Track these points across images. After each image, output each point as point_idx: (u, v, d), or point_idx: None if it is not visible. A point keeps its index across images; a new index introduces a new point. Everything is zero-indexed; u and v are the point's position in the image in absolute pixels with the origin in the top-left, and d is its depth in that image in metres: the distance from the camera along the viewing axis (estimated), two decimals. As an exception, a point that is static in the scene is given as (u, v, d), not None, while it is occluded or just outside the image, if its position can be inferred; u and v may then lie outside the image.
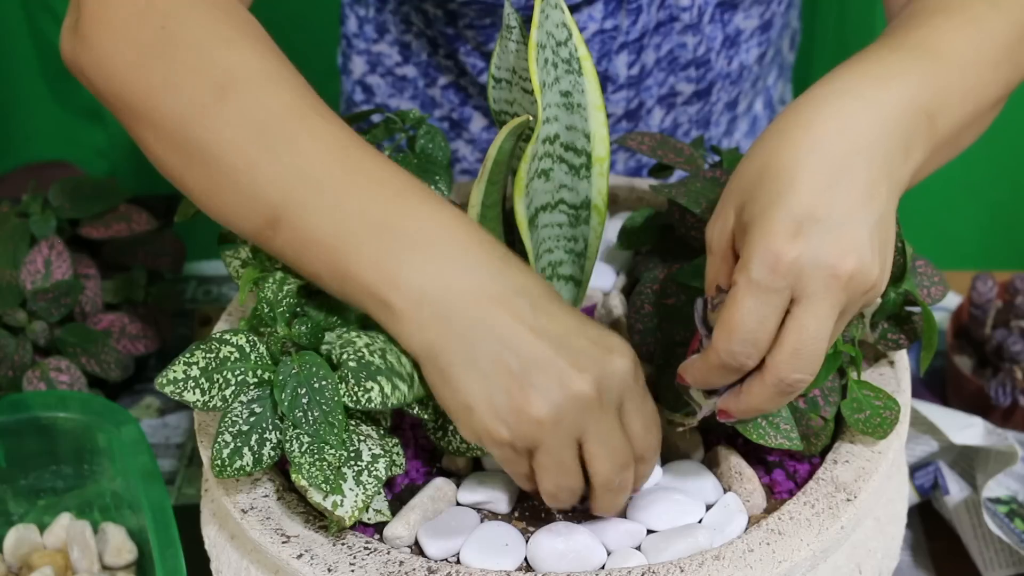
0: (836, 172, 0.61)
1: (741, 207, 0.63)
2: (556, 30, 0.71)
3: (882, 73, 0.65)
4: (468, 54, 1.09)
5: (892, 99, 0.64)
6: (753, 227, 0.62)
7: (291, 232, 0.67)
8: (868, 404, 0.72)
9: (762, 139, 0.64)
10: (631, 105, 1.09)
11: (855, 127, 0.63)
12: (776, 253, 0.60)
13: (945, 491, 0.93)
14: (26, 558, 0.90)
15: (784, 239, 0.60)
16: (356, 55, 1.17)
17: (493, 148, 0.69)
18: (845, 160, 0.62)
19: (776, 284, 0.60)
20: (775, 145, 0.63)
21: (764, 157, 0.63)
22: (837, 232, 0.60)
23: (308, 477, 0.65)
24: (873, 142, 0.63)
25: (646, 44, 1.06)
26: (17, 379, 0.98)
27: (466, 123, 1.15)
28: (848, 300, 0.62)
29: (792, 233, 0.60)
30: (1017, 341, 1.01)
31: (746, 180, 0.64)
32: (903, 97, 0.65)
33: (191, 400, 0.67)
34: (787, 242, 0.60)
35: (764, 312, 0.61)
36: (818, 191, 0.61)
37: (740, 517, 0.70)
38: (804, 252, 0.60)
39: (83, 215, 1.06)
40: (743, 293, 0.61)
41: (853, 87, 0.64)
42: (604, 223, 0.76)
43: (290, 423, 0.66)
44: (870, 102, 0.64)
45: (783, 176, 0.62)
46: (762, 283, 0.60)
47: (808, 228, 0.60)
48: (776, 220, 0.61)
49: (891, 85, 0.65)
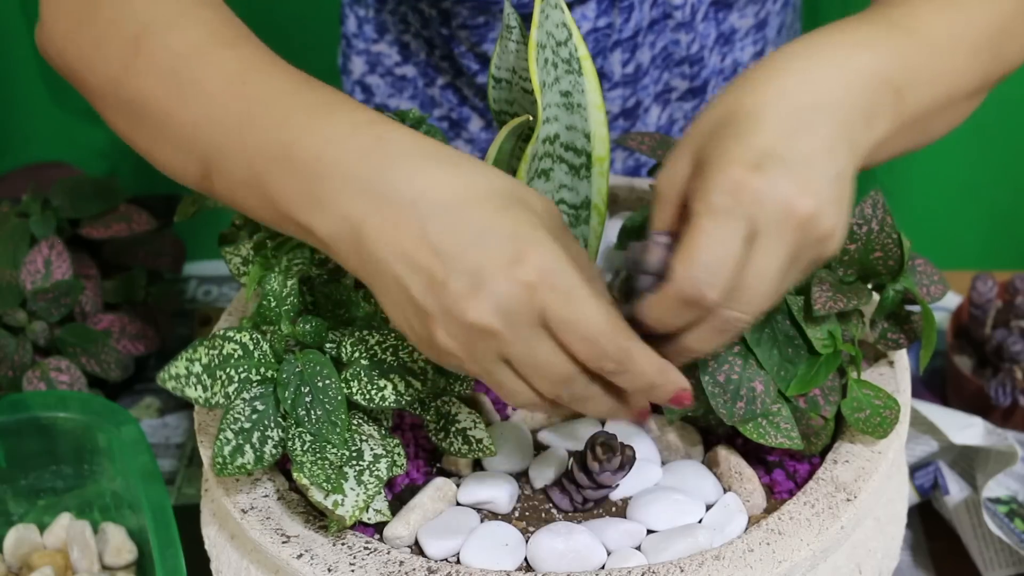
0: (800, 120, 0.61)
1: (699, 150, 0.62)
2: (556, 30, 0.71)
3: (852, 41, 0.65)
4: (463, 55, 1.09)
5: (858, 66, 0.64)
6: (712, 161, 0.60)
7: (220, 177, 0.66)
8: (868, 403, 0.72)
9: (726, 90, 0.64)
10: (628, 103, 1.10)
11: (820, 85, 0.62)
12: (738, 180, 0.59)
13: (945, 491, 0.93)
14: (26, 558, 0.90)
15: (746, 169, 0.59)
16: (355, 55, 1.17)
17: (493, 148, 0.69)
18: (809, 111, 0.61)
19: (737, 212, 0.59)
20: (739, 93, 0.63)
21: (727, 104, 0.63)
22: (798, 171, 0.60)
23: (310, 476, 0.65)
24: (836, 102, 0.62)
25: (641, 42, 1.06)
26: (17, 379, 0.98)
27: (465, 123, 1.16)
28: (800, 244, 0.60)
29: (753, 166, 0.59)
30: (1017, 341, 1.01)
31: (706, 126, 0.63)
32: (870, 65, 0.64)
33: (193, 396, 0.67)
34: (749, 173, 0.59)
35: (726, 238, 0.59)
36: (782, 133, 0.60)
37: (740, 517, 0.70)
38: (764, 184, 0.59)
39: (83, 215, 1.06)
40: (705, 219, 0.59)
41: (821, 50, 0.64)
42: (604, 223, 0.76)
43: (292, 421, 0.66)
44: (837, 65, 0.63)
45: (747, 118, 0.61)
46: (723, 210, 0.59)
47: (769, 163, 0.59)
48: (738, 152, 0.59)
49: (859, 52, 0.64)
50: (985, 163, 1.51)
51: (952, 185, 1.52)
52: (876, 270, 0.75)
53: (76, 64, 0.72)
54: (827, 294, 0.71)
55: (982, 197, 1.56)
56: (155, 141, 0.69)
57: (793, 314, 0.72)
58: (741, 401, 0.70)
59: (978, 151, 1.50)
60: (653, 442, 0.76)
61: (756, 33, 1.11)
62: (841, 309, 0.71)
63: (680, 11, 1.05)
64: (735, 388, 0.70)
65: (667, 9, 1.05)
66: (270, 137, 0.62)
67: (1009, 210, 1.56)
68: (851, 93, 0.63)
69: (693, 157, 0.62)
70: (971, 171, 1.52)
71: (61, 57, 0.73)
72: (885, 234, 0.74)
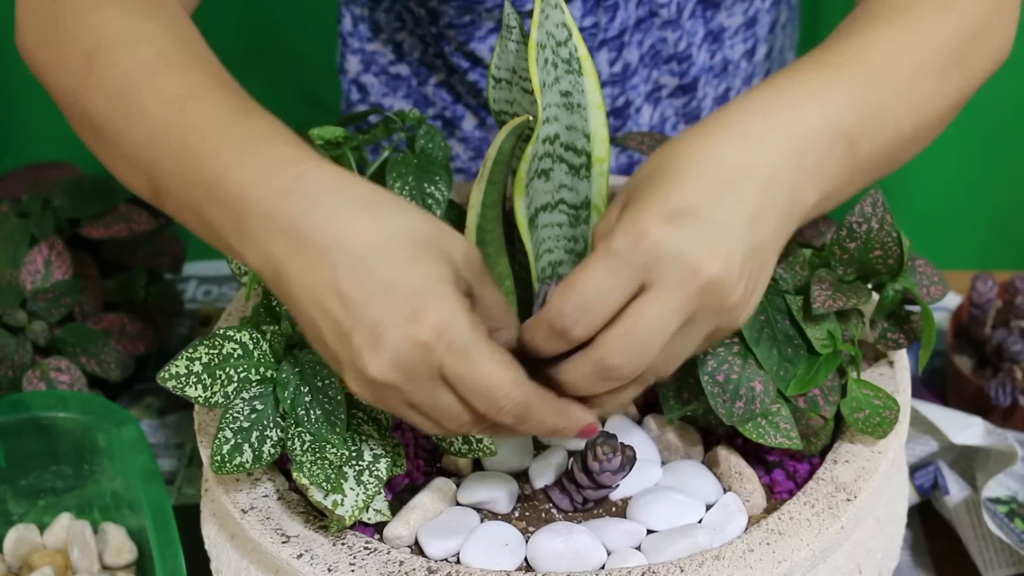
0: (728, 184, 0.59)
1: (627, 199, 0.61)
2: (556, 30, 0.71)
3: (801, 95, 0.63)
4: (452, 54, 1.09)
5: (805, 125, 0.62)
6: (629, 206, 0.59)
7: (167, 197, 0.66)
8: (868, 403, 0.72)
9: (664, 144, 0.63)
10: (617, 103, 1.10)
11: (757, 151, 0.61)
12: (642, 230, 0.57)
13: (945, 491, 0.93)
14: (26, 558, 0.90)
15: (655, 220, 0.58)
16: (351, 54, 1.17)
17: (493, 148, 0.69)
18: (740, 177, 0.60)
19: (631, 260, 0.57)
20: (676, 150, 0.61)
21: (660, 159, 0.62)
22: (711, 233, 0.58)
23: (309, 475, 0.65)
24: (773, 170, 0.61)
25: (627, 41, 1.06)
26: (17, 379, 0.98)
27: (459, 121, 1.16)
28: (699, 309, 0.59)
29: (665, 218, 0.58)
30: (1017, 341, 1.01)
31: (637, 179, 0.62)
32: (818, 122, 0.62)
33: (193, 396, 0.67)
34: (657, 223, 0.57)
35: (609, 283, 0.58)
36: (705, 193, 0.59)
37: (740, 517, 0.70)
38: (670, 239, 0.57)
39: (83, 215, 1.06)
40: (596, 258, 0.58)
41: (765, 109, 0.62)
42: (604, 223, 0.76)
43: (292, 421, 0.66)
44: (779, 127, 0.62)
45: (673, 172, 0.60)
46: (618, 254, 0.58)
47: (683, 220, 0.58)
48: (653, 203, 0.58)
49: (808, 109, 0.63)
50: (985, 163, 1.52)
51: (952, 185, 1.52)
52: (876, 269, 0.75)
53: (42, 72, 0.72)
54: (826, 292, 0.71)
55: (982, 197, 1.56)
56: (111, 157, 0.69)
57: (792, 314, 0.72)
58: (740, 401, 0.70)
59: (978, 151, 1.50)
60: (653, 442, 0.76)
61: (746, 31, 1.11)
62: (840, 308, 0.71)
63: (666, 9, 1.05)
64: (734, 388, 0.70)
65: (653, 8, 1.05)
66: (203, 167, 0.62)
67: (1009, 210, 1.56)
68: (792, 158, 0.61)
69: (621, 207, 0.61)
70: (971, 171, 1.52)
71: (31, 64, 0.73)
72: (885, 232, 0.73)
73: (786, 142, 0.61)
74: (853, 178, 0.66)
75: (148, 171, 0.66)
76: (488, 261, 0.74)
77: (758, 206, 0.60)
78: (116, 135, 0.67)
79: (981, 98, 0.78)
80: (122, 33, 0.68)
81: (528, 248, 0.73)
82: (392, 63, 1.15)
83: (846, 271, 0.74)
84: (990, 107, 1.40)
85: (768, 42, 1.15)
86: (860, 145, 0.65)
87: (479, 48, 1.07)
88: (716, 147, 0.61)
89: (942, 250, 1.53)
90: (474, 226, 0.72)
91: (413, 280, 0.58)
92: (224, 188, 0.61)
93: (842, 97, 0.64)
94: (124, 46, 0.67)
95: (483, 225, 0.72)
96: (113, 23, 0.68)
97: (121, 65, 0.67)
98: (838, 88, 0.64)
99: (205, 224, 0.64)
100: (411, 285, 0.58)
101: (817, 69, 0.65)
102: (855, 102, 0.64)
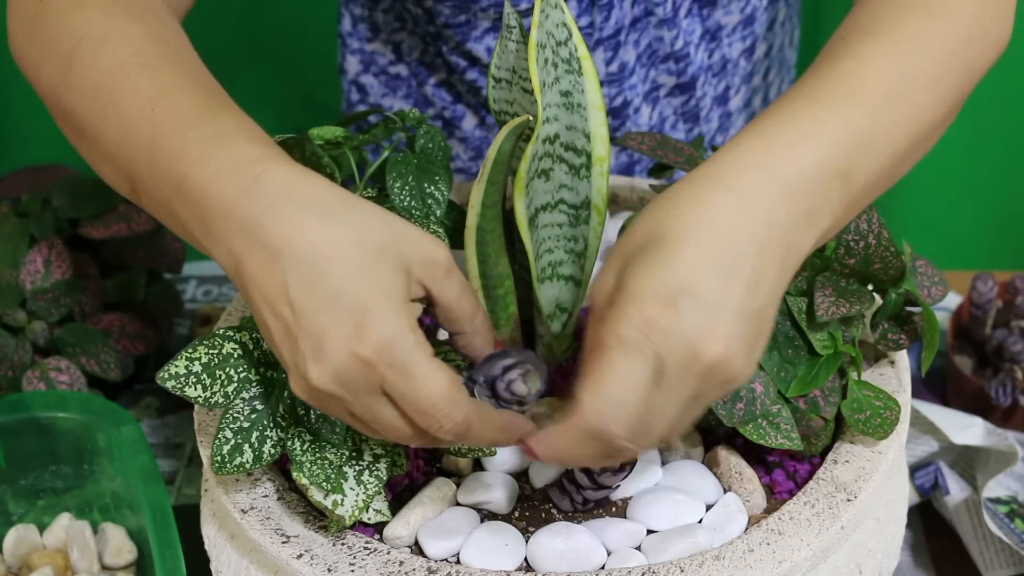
0: (722, 252, 0.59)
1: (623, 268, 0.60)
2: (556, 30, 0.71)
3: (790, 138, 0.62)
4: (450, 53, 1.09)
5: (797, 171, 0.61)
6: (629, 287, 0.59)
7: (143, 195, 0.67)
8: (868, 404, 0.72)
9: (656, 203, 0.62)
10: (614, 102, 1.10)
11: (750, 209, 0.60)
12: (650, 318, 0.57)
13: (945, 491, 0.93)
14: (26, 558, 0.90)
15: (659, 305, 0.58)
16: (350, 54, 1.17)
17: (493, 148, 0.69)
18: (734, 242, 0.59)
19: (647, 348, 0.57)
20: (666, 213, 0.61)
21: (653, 223, 0.61)
22: (709, 313, 0.58)
23: (309, 475, 0.65)
24: (768, 225, 0.60)
25: (623, 41, 1.06)
26: (17, 379, 0.98)
27: (458, 121, 1.16)
28: (704, 386, 0.59)
29: (666, 301, 0.58)
30: (1017, 341, 1.01)
31: (632, 244, 0.61)
32: (811, 164, 0.62)
33: (192, 396, 0.67)
34: (660, 311, 0.57)
35: (635, 373, 0.58)
36: (700, 267, 0.58)
37: (740, 517, 0.70)
38: (676, 324, 0.57)
39: (83, 215, 1.06)
40: (615, 352, 0.58)
41: (755, 157, 0.62)
42: (604, 223, 0.76)
43: (292, 421, 0.66)
44: (772, 178, 0.61)
45: (668, 244, 0.59)
46: (634, 343, 0.58)
47: (682, 300, 0.58)
48: (653, 285, 0.58)
49: (799, 153, 0.62)
50: (985, 163, 1.52)
51: (952, 185, 1.52)
52: (878, 278, 0.75)
53: (28, 71, 0.73)
54: (830, 299, 0.71)
55: (982, 197, 1.56)
56: (92, 155, 0.70)
57: (793, 315, 0.72)
58: (741, 402, 0.70)
59: (978, 151, 1.50)
60: (653, 442, 0.76)
61: (744, 29, 1.11)
62: (844, 315, 0.71)
63: (661, 8, 1.05)
64: (735, 388, 0.70)
65: (648, 6, 1.05)
66: (170, 166, 0.63)
67: (1009, 210, 1.56)
68: (787, 205, 0.61)
69: (618, 273, 0.61)
70: (971, 171, 1.52)
71: (20, 63, 0.74)
72: (883, 247, 0.73)
73: (779, 193, 0.61)
74: (850, 210, 0.66)
75: (124, 169, 0.67)
76: (488, 261, 0.74)
77: (755, 269, 0.59)
78: (95, 133, 0.68)
79: (981, 97, 0.78)
80: (101, 33, 0.69)
81: (528, 248, 0.73)
82: (392, 63, 1.15)
83: (849, 282, 0.74)
84: (990, 106, 1.40)
85: (767, 40, 1.15)
86: (855, 178, 0.64)
87: (475, 48, 1.07)
88: (709, 212, 0.60)
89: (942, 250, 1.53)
90: (474, 226, 0.72)
91: (360, 293, 0.58)
92: (188, 186, 0.62)
93: (833, 133, 0.63)
94: (103, 46, 0.68)
95: (483, 225, 0.72)
96: (93, 23, 0.69)
97: (98, 65, 0.68)
98: (828, 123, 0.63)
99: (178, 222, 0.65)
100: (357, 299, 0.58)
101: (806, 104, 0.64)
102: (846, 135, 0.63)
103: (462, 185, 0.93)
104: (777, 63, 1.20)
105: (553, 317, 0.78)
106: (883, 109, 0.65)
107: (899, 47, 0.67)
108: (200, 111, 0.65)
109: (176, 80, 0.67)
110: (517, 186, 0.70)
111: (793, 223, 0.61)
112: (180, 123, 0.64)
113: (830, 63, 0.67)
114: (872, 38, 0.67)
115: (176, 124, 0.64)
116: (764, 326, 0.61)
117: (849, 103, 0.64)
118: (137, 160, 0.65)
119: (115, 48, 0.68)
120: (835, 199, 0.63)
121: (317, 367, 0.58)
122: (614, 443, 0.59)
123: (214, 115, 0.65)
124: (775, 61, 1.19)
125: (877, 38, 0.67)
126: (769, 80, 1.20)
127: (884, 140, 0.65)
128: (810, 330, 0.72)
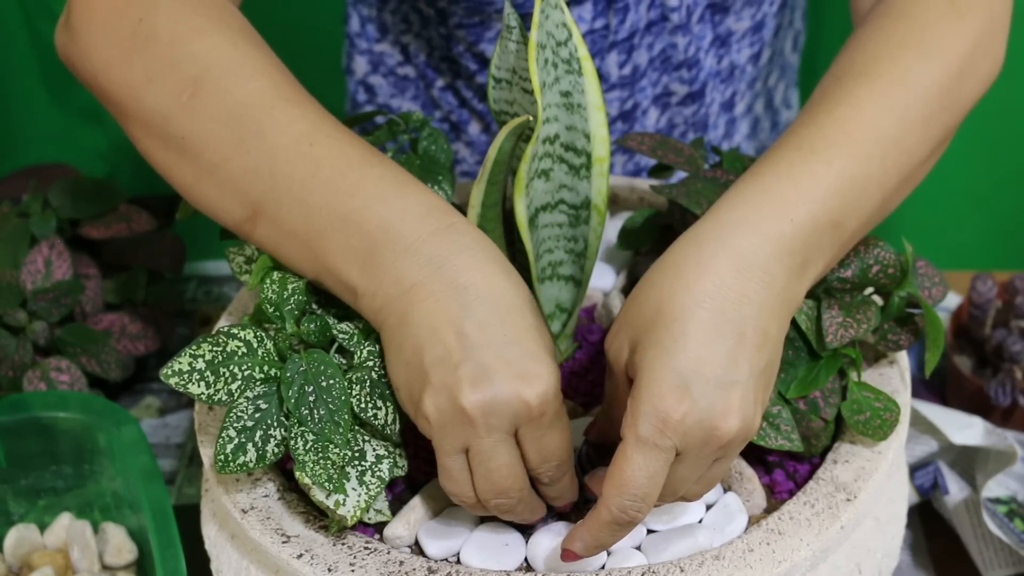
0: (727, 324, 0.62)
1: (635, 344, 0.64)
2: (556, 30, 0.71)
3: (788, 194, 0.65)
4: (462, 55, 1.09)
5: (794, 227, 0.65)
6: (642, 378, 0.62)
7: (269, 225, 0.68)
8: (868, 406, 0.73)
9: (663, 270, 0.65)
10: (626, 106, 1.10)
11: (751, 267, 0.63)
12: (663, 414, 0.61)
13: (945, 491, 0.93)
14: (26, 558, 0.90)
15: (671, 400, 0.61)
16: (358, 55, 1.17)
17: (493, 148, 0.69)
18: (738, 309, 0.62)
19: (663, 443, 0.61)
20: (671, 286, 0.64)
21: (659, 296, 0.64)
22: (722, 392, 0.61)
23: (312, 475, 0.65)
24: (769, 281, 0.64)
25: (637, 44, 1.06)
26: (17, 379, 0.98)
27: (464, 126, 1.16)
28: (723, 451, 0.63)
29: (679, 393, 0.61)
30: (1017, 341, 1.01)
31: (641, 316, 0.64)
32: (806, 218, 0.65)
33: (196, 393, 0.67)
34: (674, 402, 0.61)
35: (653, 468, 0.61)
36: (706, 345, 0.62)
37: (740, 517, 0.70)
38: (690, 412, 0.61)
39: (83, 215, 1.06)
40: (632, 450, 0.61)
41: (753, 217, 0.65)
42: (604, 223, 0.76)
43: (295, 420, 0.66)
44: (770, 236, 0.64)
45: (674, 327, 0.62)
46: (651, 440, 0.61)
47: (694, 387, 0.61)
48: (664, 377, 0.61)
49: (797, 209, 0.65)
50: (985, 164, 1.52)
51: (952, 186, 1.52)
52: (880, 284, 0.75)
53: (116, 89, 0.72)
54: (837, 321, 0.71)
55: (982, 198, 1.56)
56: (200, 180, 0.70)
57: (793, 316, 0.72)
58: (741, 401, 0.70)
59: (978, 152, 1.50)
60: (653, 442, 0.76)
61: (753, 35, 1.11)
62: (853, 338, 0.71)
63: (676, 13, 1.05)
64: (735, 388, 0.70)
65: (664, 11, 1.05)
66: (338, 200, 0.66)
67: (1009, 210, 1.56)
68: (784, 262, 0.64)
69: (630, 344, 0.65)
70: (971, 172, 1.52)
71: (94, 78, 0.73)
72: (874, 247, 0.74)
73: (776, 250, 0.64)
74: (840, 252, 0.69)
75: (254, 198, 0.68)
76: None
77: (759, 330, 0.63)
78: (219, 160, 0.69)
79: (981, 103, 0.78)
80: (233, 62, 0.70)
81: (528, 248, 0.73)
82: (400, 64, 1.15)
83: (852, 296, 0.74)
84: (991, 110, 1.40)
85: (772, 46, 1.15)
86: (847, 225, 0.67)
87: (488, 49, 1.07)
88: (712, 282, 0.63)
89: (942, 250, 1.53)
90: (474, 226, 0.72)
91: (534, 345, 0.63)
92: (361, 220, 0.65)
93: (829, 186, 0.66)
94: (237, 75, 0.69)
95: (483, 225, 0.72)
96: (220, 51, 0.70)
97: (235, 93, 0.68)
98: (824, 177, 0.66)
99: (312, 251, 0.67)
100: (531, 349, 0.63)
101: (803, 156, 0.67)
102: (841, 187, 0.67)
103: (463, 185, 0.93)
104: (777, 67, 1.20)
105: (553, 317, 0.78)
106: (876, 156, 0.68)
107: (894, 90, 0.69)
108: (365, 154, 0.68)
109: (324, 118, 0.69)
110: (517, 186, 0.70)
111: (790, 276, 0.65)
112: (351, 162, 0.67)
113: (827, 108, 0.69)
114: (868, 80, 0.70)
115: (347, 162, 0.67)
116: (772, 375, 0.65)
117: (844, 154, 0.67)
118: (279, 191, 0.67)
119: (252, 79, 0.69)
120: (827, 247, 0.67)
121: (475, 392, 0.61)
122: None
123: (382, 160, 0.68)
124: (776, 66, 1.19)
125: (875, 80, 0.70)
126: (771, 84, 1.20)
127: (876, 185, 0.68)
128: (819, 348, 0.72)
